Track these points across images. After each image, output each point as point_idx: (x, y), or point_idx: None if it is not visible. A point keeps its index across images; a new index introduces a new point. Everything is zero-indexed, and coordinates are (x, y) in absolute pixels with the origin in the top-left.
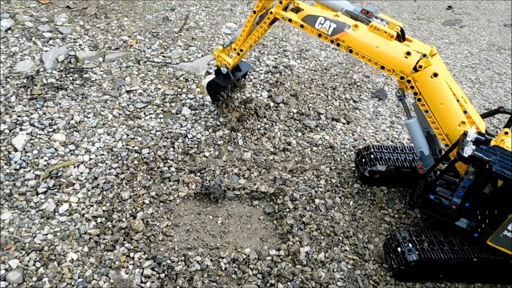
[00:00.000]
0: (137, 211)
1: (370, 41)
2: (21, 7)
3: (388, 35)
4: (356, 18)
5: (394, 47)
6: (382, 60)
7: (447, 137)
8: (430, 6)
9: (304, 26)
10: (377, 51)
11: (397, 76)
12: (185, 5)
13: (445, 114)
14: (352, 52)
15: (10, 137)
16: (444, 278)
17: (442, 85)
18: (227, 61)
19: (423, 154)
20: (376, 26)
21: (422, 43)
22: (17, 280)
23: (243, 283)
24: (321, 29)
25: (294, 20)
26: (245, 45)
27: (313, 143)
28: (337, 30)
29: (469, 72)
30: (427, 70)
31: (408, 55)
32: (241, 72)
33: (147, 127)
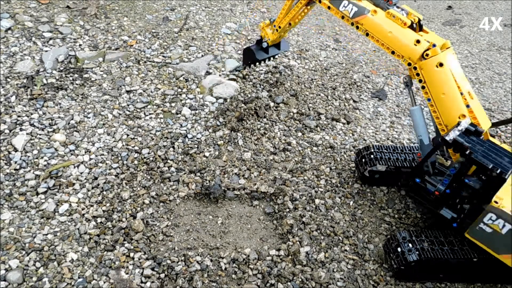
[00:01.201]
0: (137, 211)
1: (385, 26)
2: (21, 7)
3: (402, 22)
4: (378, 5)
5: (405, 34)
6: (393, 45)
7: (446, 128)
8: (430, 6)
9: (331, 7)
10: (390, 36)
11: (405, 62)
12: (185, 5)
13: (446, 104)
14: (368, 35)
15: (10, 137)
16: (444, 278)
17: (446, 75)
18: (268, 35)
19: (423, 143)
20: (393, 13)
21: (438, 36)
22: (17, 280)
23: (243, 283)
24: (344, 11)
25: (324, 1)
26: (283, 22)
27: (313, 143)
28: (358, 13)
29: (469, 72)
30: (433, 59)
31: (418, 43)
32: (279, 50)
33: (147, 127)
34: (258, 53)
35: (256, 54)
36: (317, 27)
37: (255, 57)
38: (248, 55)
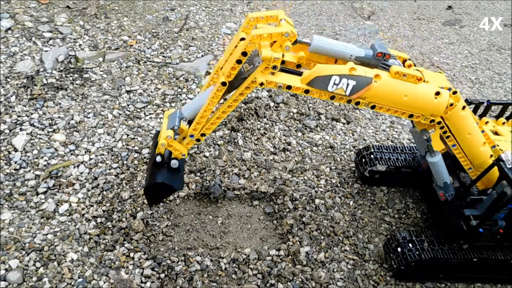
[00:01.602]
0: (137, 211)
1: (397, 90)
2: (21, 7)
3: (416, 78)
4: (369, 64)
5: (423, 91)
6: (412, 109)
7: (471, 161)
8: (430, 6)
9: (311, 91)
10: (406, 100)
11: (427, 120)
12: (185, 5)
13: (471, 142)
14: (374, 107)
15: (10, 137)
16: (444, 278)
17: (470, 115)
18: (181, 150)
19: (447, 184)
20: (401, 72)
21: (431, 72)
22: (17, 280)
23: (243, 283)
24: (336, 91)
25: (296, 86)
26: (210, 127)
27: (313, 143)
28: (358, 88)
29: (469, 72)
30: (458, 106)
31: (438, 95)
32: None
33: (147, 127)
34: (174, 181)
35: (175, 184)
36: (317, 27)
37: (175, 189)
38: (160, 192)
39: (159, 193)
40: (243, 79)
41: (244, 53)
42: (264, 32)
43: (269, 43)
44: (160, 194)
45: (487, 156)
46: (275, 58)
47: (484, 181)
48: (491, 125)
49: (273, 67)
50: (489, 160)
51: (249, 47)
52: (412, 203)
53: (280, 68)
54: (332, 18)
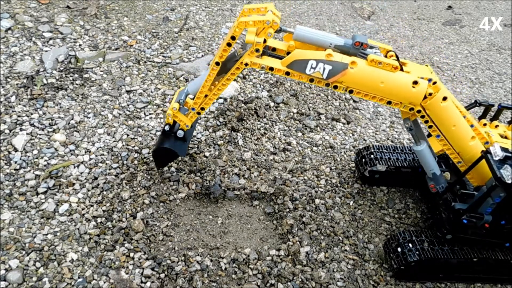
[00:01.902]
0: (137, 211)
1: (373, 77)
2: (21, 7)
3: (392, 67)
4: (348, 52)
5: (400, 80)
6: (389, 96)
7: (459, 155)
8: (430, 6)
9: (291, 73)
10: (383, 87)
11: (406, 108)
12: (185, 5)
13: (457, 134)
14: (352, 92)
15: (10, 137)
16: (444, 278)
17: (452, 107)
18: (185, 121)
19: (435, 175)
20: (377, 59)
21: (417, 64)
22: (17, 280)
23: (243, 283)
24: (313, 74)
25: (277, 68)
26: (208, 103)
27: (313, 143)
28: (334, 72)
29: (469, 72)
30: (437, 96)
31: (416, 85)
32: (193, 127)
33: (147, 127)
34: (179, 148)
35: (178, 151)
36: (317, 27)
37: (178, 154)
38: (165, 157)
39: (164, 158)
40: (236, 62)
41: (233, 37)
42: (249, 19)
43: (255, 30)
44: (165, 158)
45: (477, 151)
46: (257, 42)
47: (478, 178)
48: (502, 129)
49: (256, 50)
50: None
51: (237, 32)
52: (412, 203)
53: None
54: (332, 18)
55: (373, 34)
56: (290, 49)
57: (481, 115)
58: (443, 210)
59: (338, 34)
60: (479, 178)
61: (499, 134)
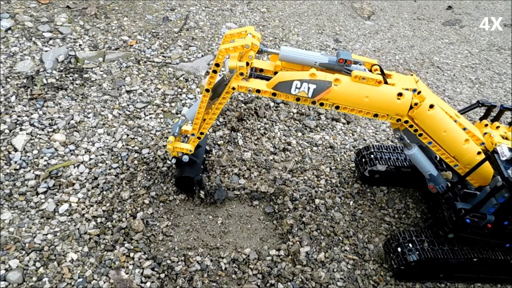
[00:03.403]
0: (137, 211)
1: (358, 92)
2: (21, 7)
3: (376, 81)
4: (333, 69)
5: (384, 93)
6: (375, 109)
7: (455, 158)
8: (430, 6)
9: (277, 94)
10: (368, 101)
11: (393, 119)
12: (185, 5)
13: (449, 139)
14: (339, 108)
15: (10, 137)
16: (444, 278)
17: (440, 113)
18: (186, 148)
19: (433, 176)
20: (360, 75)
21: (402, 75)
22: (17, 280)
23: (243, 283)
24: (299, 94)
25: (264, 90)
26: (205, 127)
27: (313, 143)
28: (319, 91)
29: (469, 72)
30: (423, 105)
31: (401, 96)
32: (202, 147)
33: (147, 127)
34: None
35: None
36: (317, 27)
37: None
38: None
39: (185, 185)
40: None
41: (217, 64)
42: (229, 46)
43: (238, 54)
44: (186, 185)
45: (473, 153)
46: (240, 66)
47: (479, 179)
48: (502, 131)
49: (240, 74)
50: (477, 156)
51: (220, 59)
52: (412, 203)
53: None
54: (332, 18)
55: (373, 34)
56: (277, 69)
57: (483, 116)
58: (445, 209)
59: (338, 35)
60: (481, 179)
61: (500, 135)
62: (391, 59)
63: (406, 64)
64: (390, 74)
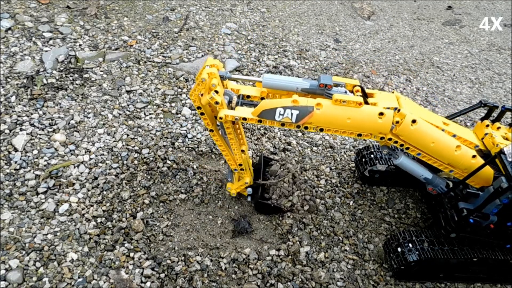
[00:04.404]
0: (137, 211)
1: (340, 115)
2: (21, 7)
3: (356, 103)
4: (315, 93)
5: (365, 114)
6: (358, 129)
7: (450, 165)
8: (430, 6)
9: (263, 121)
10: (350, 122)
11: (377, 138)
12: (185, 5)
13: (439, 149)
14: (323, 130)
15: (10, 137)
16: (444, 278)
17: (425, 127)
18: (243, 183)
19: (428, 179)
20: (341, 99)
21: (385, 93)
22: (17, 280)
23: (243, 283)
24: (283, 120)
25: (250, 117)
26: (238, 158)
27: (313, 143)
28: (302, 116)
29: (469, 72)
30: (405, 122)
31: (382, 116)
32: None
33: (147, 127)
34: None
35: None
36: (317, 27)
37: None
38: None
39: (264, 210)
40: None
41: (199, 107)
42: (193, 88)
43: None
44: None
45: (467, 158)
46: (210, 98)
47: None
48: (503, 131)
49: (216, 103)
50: (472, 160)
51: (196, 103)
52: (412, 203)
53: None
54: (332, 18)
55: (373, 34)
56: (263, 95)
57: (484, 116)
58: (448, 209)
59: (338, 35)
60: (482, 181)
61: (501, 136)
62: (391, 59)
63: (406, 64)
64: (373, 93)
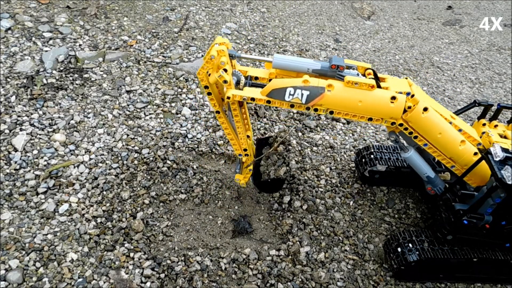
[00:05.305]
0: (137, 211)
1: (351, 97)
2: (21, 7)
3: (368, 86)
4: (326, 75)
5: (377, 97)
6: (369, 113)
7: (452, 160)
8: (430, 6)
9: (272, 101)
10: (361, 105)
11: (387, 123)
12: (185, 5)
13: (445, 141)
14: (333, 113)
15: (10, 137)
16: (444, 278)
17: (435, 116)
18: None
19: (430, 178)
20: (353, 80)
21: (397, 78)
22: (17, 280)
23: (243, 283)
24: (292, 100)
25: (258, 98)
26: (243, 142)
27: (313, 143)
28: (312, 97)
29: (469, 72)
30: (417, 108)
31: (394, 100)
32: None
33: (147, 127)
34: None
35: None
36: (317, 27)
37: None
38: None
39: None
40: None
41: (206, 86)
42: (201, 66)
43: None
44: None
45: (469, 154)
46: (218, 76)
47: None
48: (501, 129)
49: (224, 82)
50: (473, 157)
51: (204, 81)
52: (412, 203)
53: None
54: (332, 18)
55: (373, 34)
56: (271, 77)
57: (480, 115)
58: (443, 211)
59: (338, 35)
60: (479, 179)
61: (498, 134)
62: (391, 59)
63: (406, 64)
64: (385, 77)
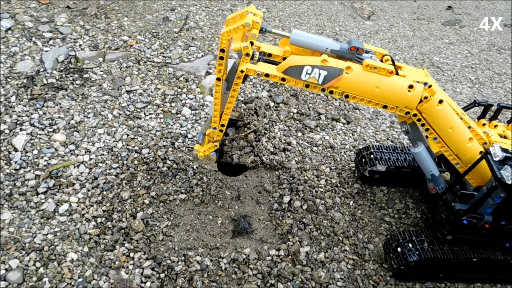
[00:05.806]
0: (137, 211)
1: (368, 82)
2: (21, 7)
3: (387, 71)
4: (344, 57)
5: (395, 84)
6: (385, 100)
7: (458, 156)
8: (430, 6)
9: (287, 79)
10: (378, 91)
11: (402, 112)
12: (185, 5)
13: (455, 136)
14: (348, 97)
15: (10, 137)
16: (444, 278)
17: (448, 109)
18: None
19: (434, 176)
20: (372, 64)
21: (413, 68)
22: (17, 280)
23: (243, 283)
24: (309, 80)
25: (273, 74)
26: (224, 118)
27: (313, 143)
28: (329, 77)
29: (469, 72)
30: (433, 99)
31: (411, 89)
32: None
33: (147, 127)
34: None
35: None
36: (317, 27)
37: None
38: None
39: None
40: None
41: (222, 49)
42: (230, 28)
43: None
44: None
45: (475, 152)
46: (243, 47)
47: (478, 178)
48: (501, 129)
49: (246, 55)
50: (478, 156)
51: (224, 44)
52: (412, 203)
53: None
54: (332, 18)
55: (373, 34)
56: (285, 55)
57: (480, 115)
58: (443, 211)
59: (338, 35)
60: (479, 179)
61: (498, 134)
62: None
63: (406, 64)
64: (401, 66)
